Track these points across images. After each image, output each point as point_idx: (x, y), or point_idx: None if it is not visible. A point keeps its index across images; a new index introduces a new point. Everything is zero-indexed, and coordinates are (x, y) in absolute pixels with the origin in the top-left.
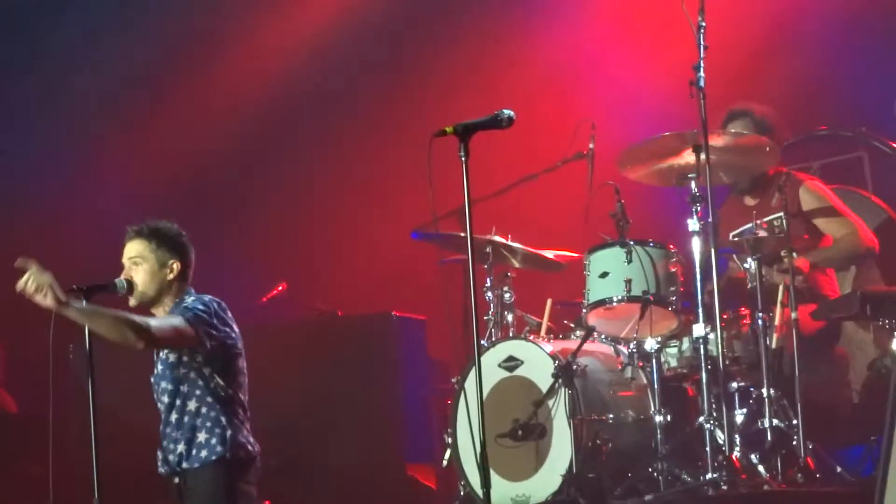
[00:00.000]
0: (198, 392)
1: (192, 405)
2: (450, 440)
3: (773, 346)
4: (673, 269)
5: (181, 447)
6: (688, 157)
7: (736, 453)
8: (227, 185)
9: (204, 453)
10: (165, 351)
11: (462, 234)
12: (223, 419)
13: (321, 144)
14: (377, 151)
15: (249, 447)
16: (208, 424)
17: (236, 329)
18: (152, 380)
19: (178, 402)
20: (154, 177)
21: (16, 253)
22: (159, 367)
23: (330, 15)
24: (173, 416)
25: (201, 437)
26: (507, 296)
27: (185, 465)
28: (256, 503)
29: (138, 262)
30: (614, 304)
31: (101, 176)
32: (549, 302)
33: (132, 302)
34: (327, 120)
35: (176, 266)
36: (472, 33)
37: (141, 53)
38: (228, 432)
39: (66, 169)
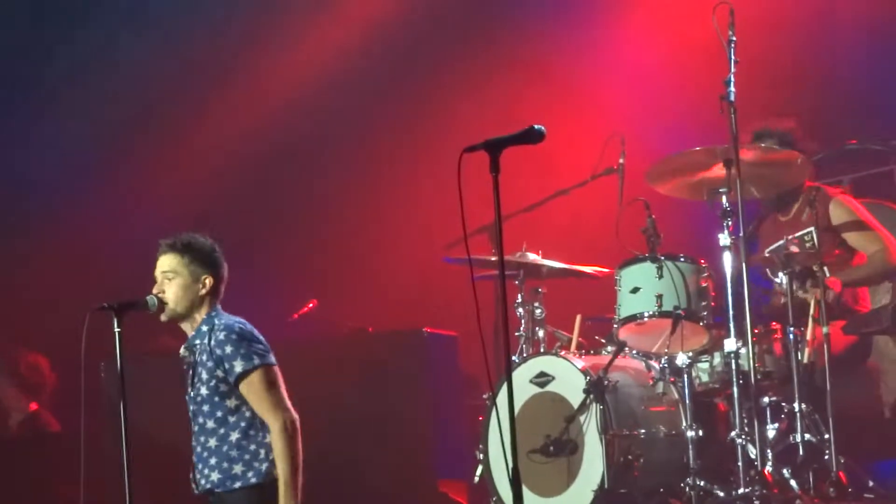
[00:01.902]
0: (239, 422)
1: (233, 436)
2: (481, 456)
3: (805, 360)
4: (704, 284)
5: (215, 475)
6: (718, 171)
7: (768, 468)
8: (258, 202)
9: (238, 484)
10: (206, 376)
11: (493, 257)
12: (261, 450)
13: (351, 161)
14: (408, 167)
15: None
16: (246, 457)
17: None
18: (189, 401)
19: (220, 429)
20: (185, 193)
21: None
22: (202, 390)
23: (361, 32)
24: (211, 442)
25: (237, 468)
26: (537, 311)
27: (219, 490)
28: None
29: (171, 277)
30: (645, 319)
31: (133, 190)
32: (578, 318)
33: (163, 317)
34: (358, 137)
35: (209, 281)
36: (502, 49)
37: (177, 64)
38: (265, 465)
39: (97, 183)
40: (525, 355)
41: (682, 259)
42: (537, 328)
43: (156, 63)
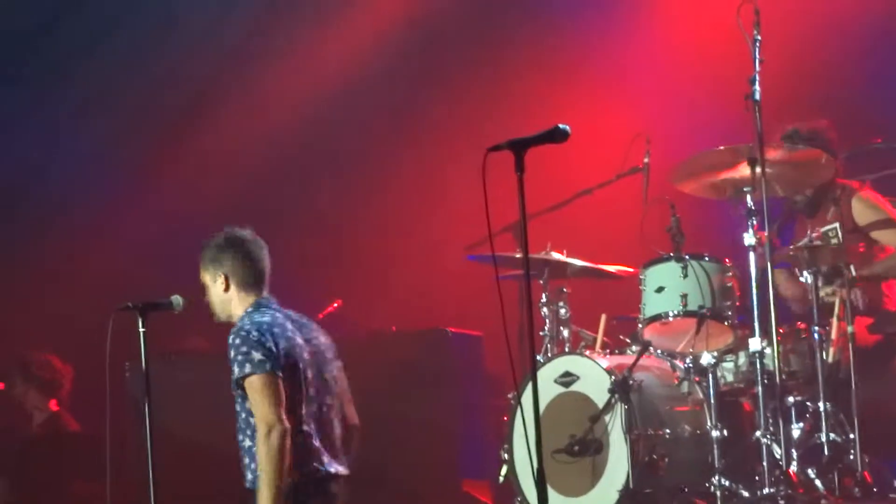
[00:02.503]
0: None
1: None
2: (506, 456)
3: (830, 359)
4: (729, 284)
5: (249, 473)
6: (743, 170)
7: (793, 468)
8: (283, 203)
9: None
10: (237, 381)
11: (517, 255)
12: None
13: (375, 161)
14: (432, 167)
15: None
16: None
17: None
18: None
19: (246, 429)
20: (210, 194)
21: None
22: (233, 388)
23: (388, 30)
24: (245, 442)
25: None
26: (562, 311)
27: (250, 487)
28: None
29: (205, 285)
30: (670, 318)
31: (160, 189)
32: (603, 317)
33: (215, 318)
34: (382, 136)
35: (225, 278)
36: (527, 49)
37: (207, 60)
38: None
39: (122, 182)
40: (550, 355)
41: (706, 258)
42: (562, 328)
43: (184, 59)
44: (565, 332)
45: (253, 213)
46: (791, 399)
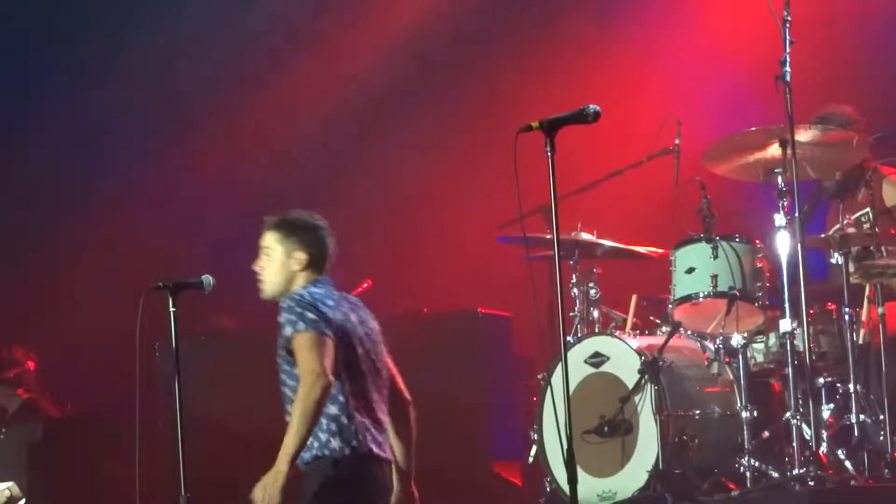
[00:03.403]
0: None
1: None
2: (536, 437)
3: (860, 341)
4: (759, 265)
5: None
6: (774, 151)
7: (823, 449)
8: (313, 183)
9: (307, 455)
10: (283, 348)
11: (548, 235)
12: (323, 421)
13: (407, 141)
14: (463, 147)
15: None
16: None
17: (346, 317)
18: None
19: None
20: (240, 175)
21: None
22: (278, 360)
23: (417, 14)
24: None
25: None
26: (592, 292)
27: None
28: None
29: (268, 253)
30: (700, 299)
31: (190, 170)
32: (634, 298)
33: (262, 294)
34: (413, 117)
35: (303, 257)
36: (559, 30)
37: (238, 47)
38: (327, 437)
39: (155, 164)
40: (580, 335)
41: (737, 239)
42: (592, 308)
43: (214, 40)
44: (595, 313)
45: (283, 194)
46: (821, 380)
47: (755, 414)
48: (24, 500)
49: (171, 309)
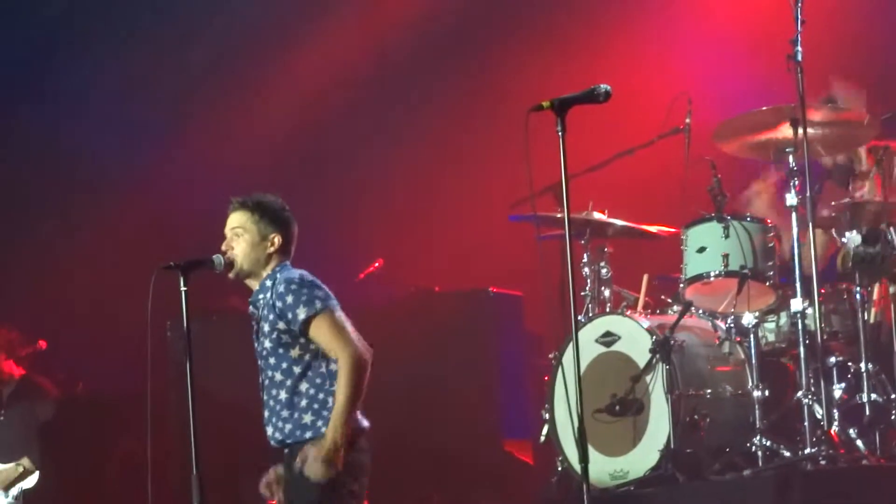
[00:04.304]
0: (306, 371)
1: (302, 386)
2: (547, 416)
3: (872, 320)
4: (770, 244)
5: (287, 426)
6: (785, 130)
7: (834, 428)
8: (324, 163)
9: (309, 434)
10: (268, 329)
11: (559, 214)
12: (330, 399)
13: (418, 120)
14: (474, 127)
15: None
16: (315, 406)
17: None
18: (258, 356)
19: (287, 381)
20: (251, 154)
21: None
22: (266, 344)
23: None
24: (281, 395)
25: (307, 418)
26: (603, 271)
27: (290, 441)
28: (361, 473)
29: (239, 234)
30: (712, 278)
31: (198, 150)
32: (645, 277)
33: (230, 275)
34: (424, 96)
35: (277, 240)
36: (569, 9)
37: (243, 27)
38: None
39: (162, 145)
40: (591, 315)
41: (748, 218)
42: (603, 287)
43: (224, 26)
44: (606, 292)
45: (293, 174)
46: (832, 359)
47: (766, 393)
48: (37, 473)
49: (183, 288)
